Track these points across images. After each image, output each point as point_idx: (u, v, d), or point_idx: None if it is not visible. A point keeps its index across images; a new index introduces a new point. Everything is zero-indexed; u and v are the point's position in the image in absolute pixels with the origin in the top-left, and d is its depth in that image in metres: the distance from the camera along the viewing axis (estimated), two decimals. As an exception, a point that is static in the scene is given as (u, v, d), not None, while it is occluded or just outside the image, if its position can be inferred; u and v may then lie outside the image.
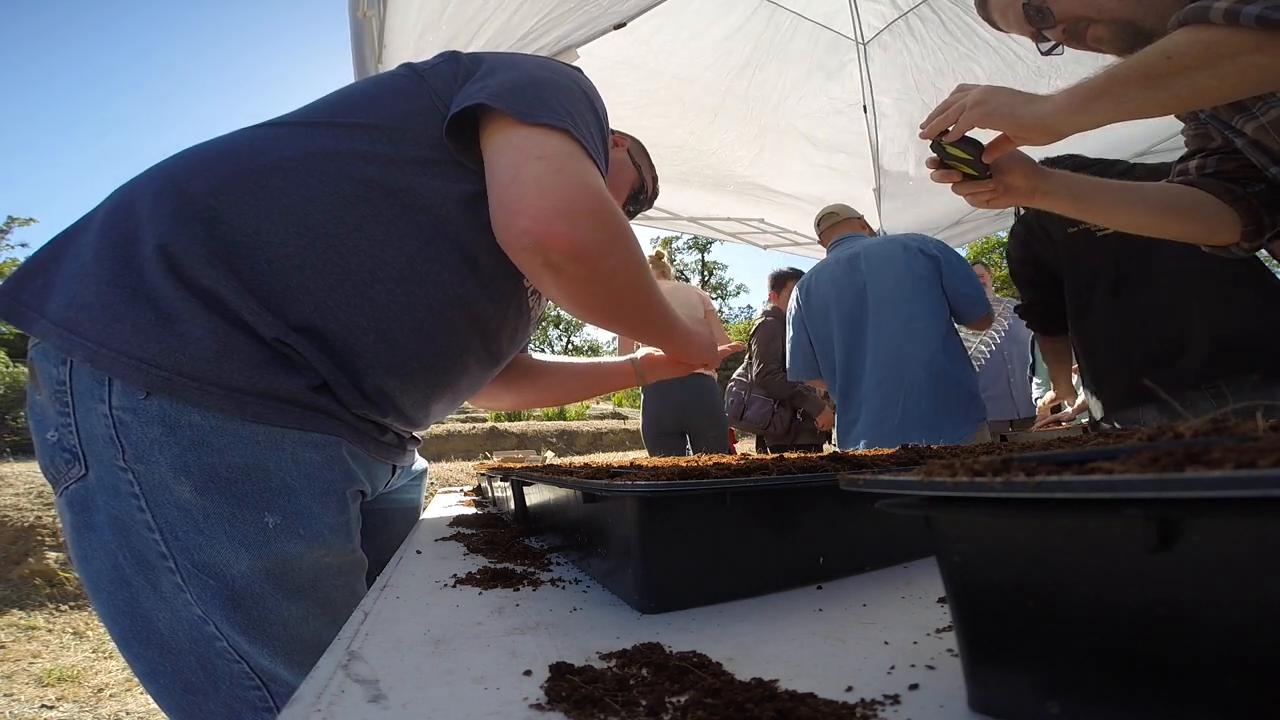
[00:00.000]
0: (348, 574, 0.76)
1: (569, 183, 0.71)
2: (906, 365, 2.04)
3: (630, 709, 0.30)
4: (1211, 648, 0.20)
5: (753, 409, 3.50)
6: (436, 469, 7.10)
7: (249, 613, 0.66)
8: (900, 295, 2.09)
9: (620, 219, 0.75)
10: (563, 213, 0.69)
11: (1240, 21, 0.73)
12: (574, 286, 0.73)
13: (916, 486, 0.27)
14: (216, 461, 0.65)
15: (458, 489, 1.95)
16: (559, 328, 41.09)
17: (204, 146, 0.76)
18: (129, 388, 0.64)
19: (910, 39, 3.09)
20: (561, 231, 0.69)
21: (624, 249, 0.74)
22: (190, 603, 0.65)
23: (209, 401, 0.65)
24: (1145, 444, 0.31)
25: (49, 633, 3.58)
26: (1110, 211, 1.07)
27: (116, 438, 0.64)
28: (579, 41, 2.34)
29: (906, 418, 2.01)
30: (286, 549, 0.68)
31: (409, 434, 0.91)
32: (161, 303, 0.65)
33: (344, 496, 0.75)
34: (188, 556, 0.65)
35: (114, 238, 0.67)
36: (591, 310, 0.79)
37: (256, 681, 0.67)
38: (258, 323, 0.67)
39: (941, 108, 0.98)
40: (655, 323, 0.89)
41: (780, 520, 0.52)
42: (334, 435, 0.73)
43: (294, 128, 0.78)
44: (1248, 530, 0.19)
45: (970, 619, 0.28)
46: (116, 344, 0.64)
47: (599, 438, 12.45)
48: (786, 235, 4.00)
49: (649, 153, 1.23)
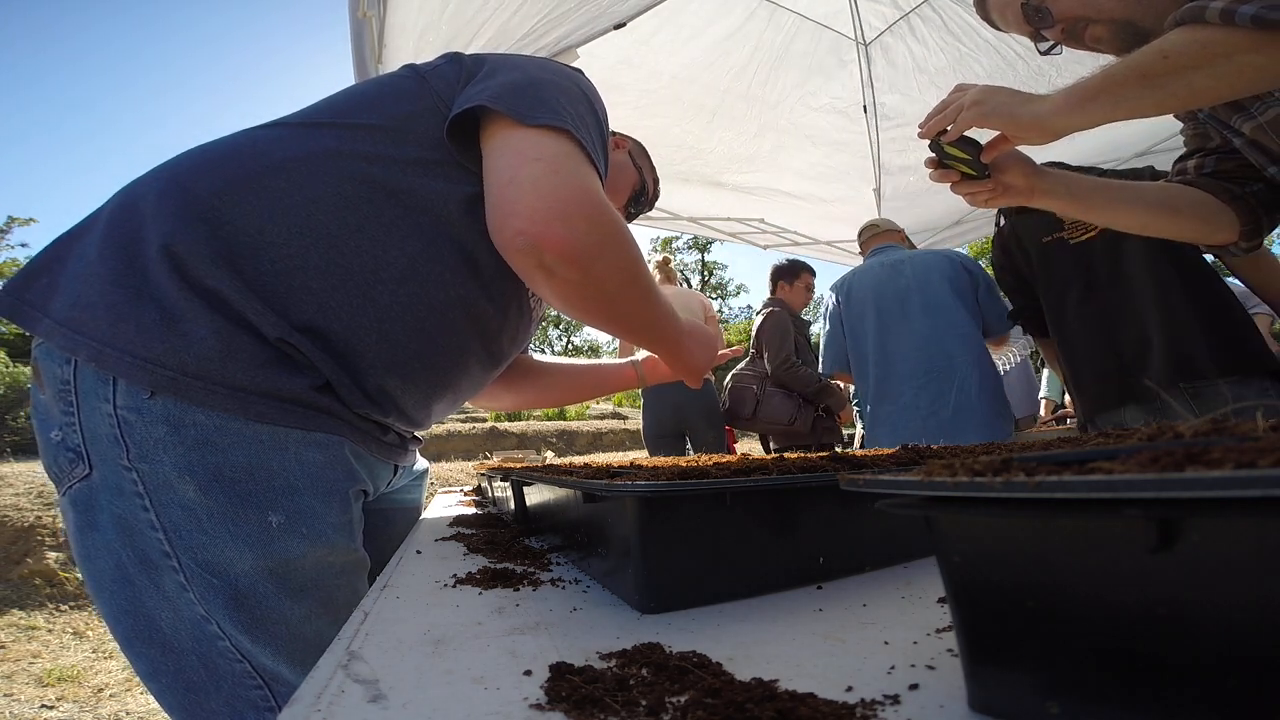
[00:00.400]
0: (350, 573, 0.76)
1: (566, 185, 0.71)
2: (956, 365, 2.18)
3: (630, 709, 0.30)
4: (1211, 648, 0.20)
5: (770, 405, 3.16)
6: (436, 469, 7.10)
7: (252, 612, 0.67)
8: (947, 301, 2.25)
9: (616, 221, 0.74)
10: (558, 215, 0.69)
11: (1236, 21, 0.73)
12: (567, 289, 0.73)
13: (916, 486, 0.27)
14: (220, 461, 0.65)
15: (458, 489, 1.95)
16: (559, 328, 41.11)
17: (207, 147, 0.77)
18: (133, 387, 0.64)
19: (911, 39, 3.09)
20: (556, 234, 0.68)
21: (619, 252, 0.74)
22: (193, 602, 0.65)
23: (213, 401, 0.65)
24: (1145, 444, 0.31)
25: (49, 633, 3.58)
26: (1108, 210, 1.07)
27: (121, 437, 0.64)
28: (579, 41, 2.34)
29: (959, 412, 2.14)
30: (290, 548, 0.68)
31: (411, 434, 0.91)
32: (165, 303, 0.65)
33: (347, 496, 0.75)
34: (191, 555, 0.65)
35: (118, 238, 0.68)
36: (586, 313, 0.78)
37: (259, 681, 0.67)
38: (261, 323, 0.67)
39: (940, 107, 0.98)
40: (652, 327, 0.87)
41: (780, 520, 0.52)
42: (337, 435, 0.73)
43: (297, 129, 0.78)
44: (1248, 530, 0.19)
45: (970, 619, 0.28)
46: (121, 343, 0.64)
47: (599, 438, 12.45)
48: (786, 235, 4.00)
49: (650, 154, 1.23)
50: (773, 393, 3.16)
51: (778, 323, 3.17)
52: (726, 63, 3.03)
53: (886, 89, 3.34)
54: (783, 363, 3.08)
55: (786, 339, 3.11)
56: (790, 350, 3.08)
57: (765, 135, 3.40)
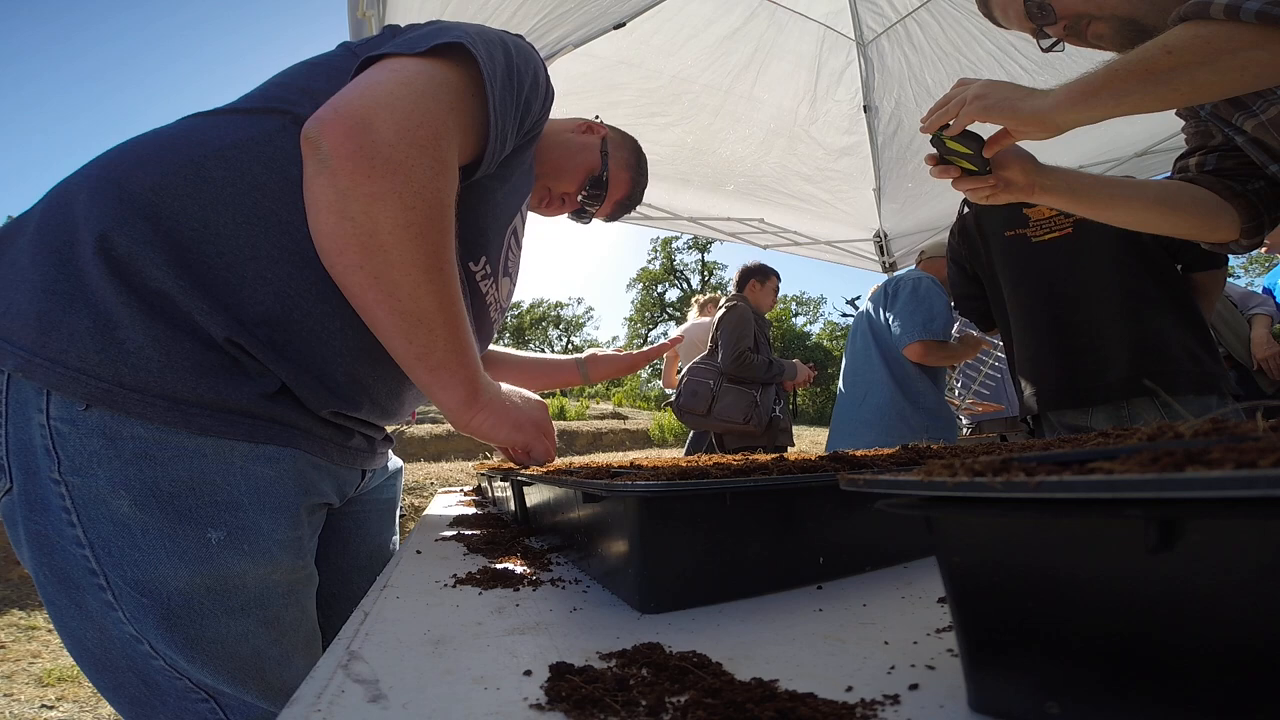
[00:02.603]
0: (298, 591, 0.73)
1: (400, 91, 0.63)
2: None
3: (630, 709, 0.30)
4: (1211, 647, 0.20)
5: (725, 403, 2.95)
6: (436, 469, 7.10)
7: (185, 631, 0.63)
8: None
9: (441, 159, 0.65)
10: (365, 112, 0.61)
11: (1240, 17, 0.73)
12: (327, 198, 0.62)
13: (916, 486, 0.27)
14: (159, 475, 0.62)
15: (458, 489, 1.95)
16: (559, 328, 41.11)
17: (141, 139, 0.72)
18: (67, 399, 0.60)
19: (911, 40, 3.09)
20: (349, 126, 0.60)
21: (418, 184, 0.63)
22: (122, 621, 0.62)
23: (152, 414, 0.61)
24: (1145, 444, 0.31)
25: (49, 633, 3.58)
26: (1109, 206, 1.07)
27: (53, 448, 0.61)
28: (579, 41, 2.34)
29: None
30: (229, 565, 0.65)
31: (379, 436, 0.88)
32: (101, 308, 0.61)
33: (296, 511, 0.71)
34: (120, 573, 0.61)
35: (50, 241, 0.63)
36: (339, 252, 0.64)
37: (203, 694, 0.65)
38: (209, 323, 0.63)
39: (942, 102, 0.98)
40: (423, 320, 0.66)
41: (780, 520, 0.52)
42: (289, 447, 0.69)
43: (233, 115, 0.74)
44: (1248, 530, 0.19)
45: (970, 619, 0.28)
46: (50, 353, 0.60)
47: (599, 438, 12.44)
48: (786, 235, 3.99)
49: (646, 159, 1.18)
50: (728, 389, 2.98)
51: (739, 317, 3.01)
52: (727, 63, 3.03)
53: (886, 89, 3.34)
54: (737, 357, 2.92)
55: (745, 334, 2.97)
56: (748, 345, 2.94)
57: (765, 135, 3.39)
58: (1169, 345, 1.52)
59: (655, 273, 37.10)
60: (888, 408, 2.40)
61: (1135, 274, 1.60)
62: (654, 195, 3.48)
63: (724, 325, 3.01)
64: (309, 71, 0.79)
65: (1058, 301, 1.69)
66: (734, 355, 2.92)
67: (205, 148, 0.69)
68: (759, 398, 2.96)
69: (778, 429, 3.02)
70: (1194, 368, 1.50)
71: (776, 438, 3.03)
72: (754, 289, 3.21)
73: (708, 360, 3.08)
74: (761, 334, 3.07)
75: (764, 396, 2.99)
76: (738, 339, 2.95)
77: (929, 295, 2.36)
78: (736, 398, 2.94)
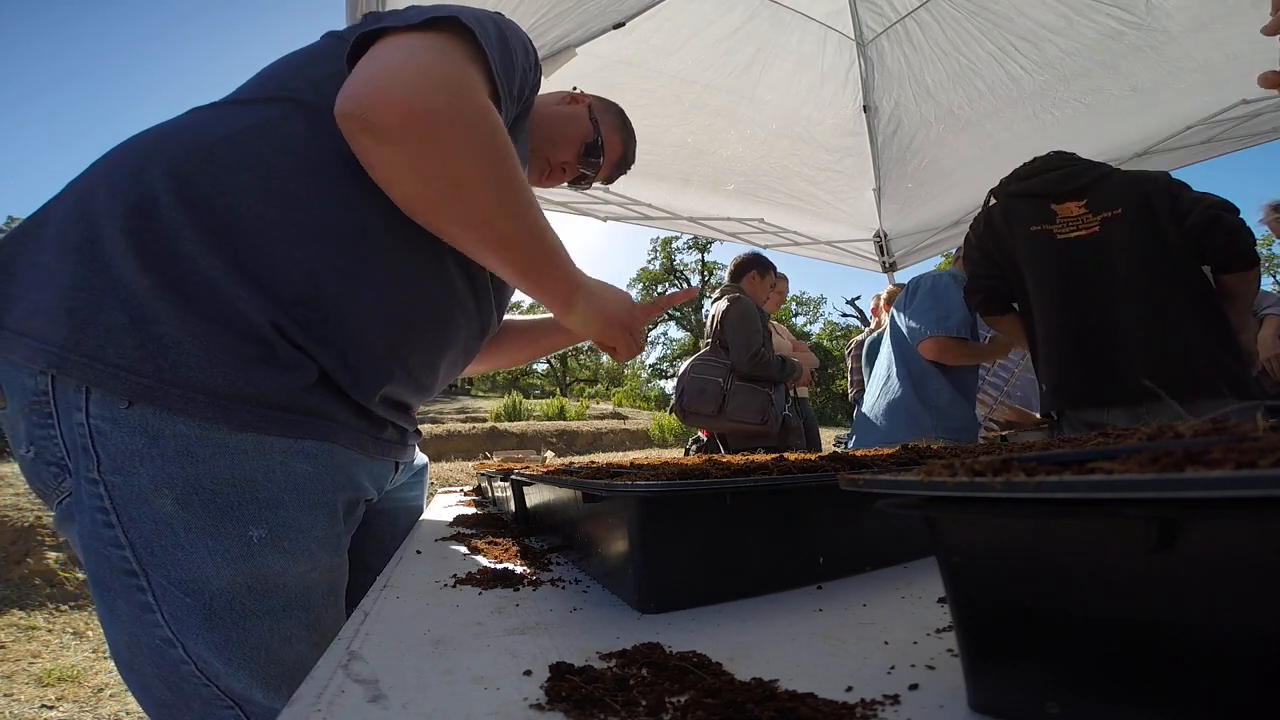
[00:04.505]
0: (337, 591, 0.73)
1: (420, 57, 0.64)
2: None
3: (630, 709, 0.30)
4: (1211, 647, 0.20)
5: (738, 402, 2.74)
6: (436, 469, 7.10)
7: (226, 633, 0.63)
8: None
9: (481, 100, 0.67)
10: (401, 81, 0.62)
11: None
12: (399, 159, 0.64)
13: (916, 486, 0.27)
14: (201, 472, 0.62)
15: (458, 489, 1.95)
16: (559, 328, 40.88)
17: (147, 133, 0.72)
18: (109, 397, 0.60)
19: (911, 40, 3.09)
20: (393, 95, 0.61)
21: (475, 125, 0.65)
22: (158, 624, 0.61)
23: (194, 410, 0.61)
24: (1145, 444, 0.31)
25: (49, 633, 3.58)
26: None
27: (92, 447, 0.60)
28: (578, 40, 2.34)
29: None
30: (270, 564, 0.65)
31: (410, 427, 0.89)
32: (134, 302, 0.60)
33: (334, 507, 0.72)
34: (164, 573, 0.61)
35: (73, 239, 0.63)
36: (424, 200, 0.68)
37: (229, 702, 0.65)
38: (251, 309, 0.63)
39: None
40: (513, 239, 0.72)
41: (780, 520, 0.52)
42: (327, 442, 0.70)
43: (233, 107, 0.74)
44: (1248, 530, 0.19)
45: (970, 619, 0.28)
46: (86, 349, 0.60)
47: (599, 438, 12.44)
48: (786, 235, 3.99)
49: (631, 122, 1.20)
50: (740, 388, 2.74)
51: (745, 311, 2.77)
52: (727, 62, 3.03)
53: (887, 89, 3.34)
54: (752, 355, 2.70)
55: (757, 329, 2.75)
56: (760, 342, 2.74)
57: (765, 135, 3.39)
58: (1190, 349, 1.50)
59: (655, 273, 37.05)
60: (898, 406, 2.35)
61: (1160, 276, 1.58)
62: (654, 195, 3.48)
63: (730, 320, 2.81)
64: (305, 60, 0.79)
65: (1080, 300, 1.66)
66: (750, 353, 2.71)
67: (214, 135, 0.69)
68: (774, 396, 2.76)
69: (789, 429, 2.84)
70: (1215, 372, 1.48)
71: (788, 438, 2.83)
72: (753, 281, 3.04)
73: (712, 357, 2.86)
74: (765, 330, 2.96)
75: (777, 395, 2.81)
76: (749, 335, 2.74)
77: (947, 292, 2.29)
78: (750, 397, 2.74)
